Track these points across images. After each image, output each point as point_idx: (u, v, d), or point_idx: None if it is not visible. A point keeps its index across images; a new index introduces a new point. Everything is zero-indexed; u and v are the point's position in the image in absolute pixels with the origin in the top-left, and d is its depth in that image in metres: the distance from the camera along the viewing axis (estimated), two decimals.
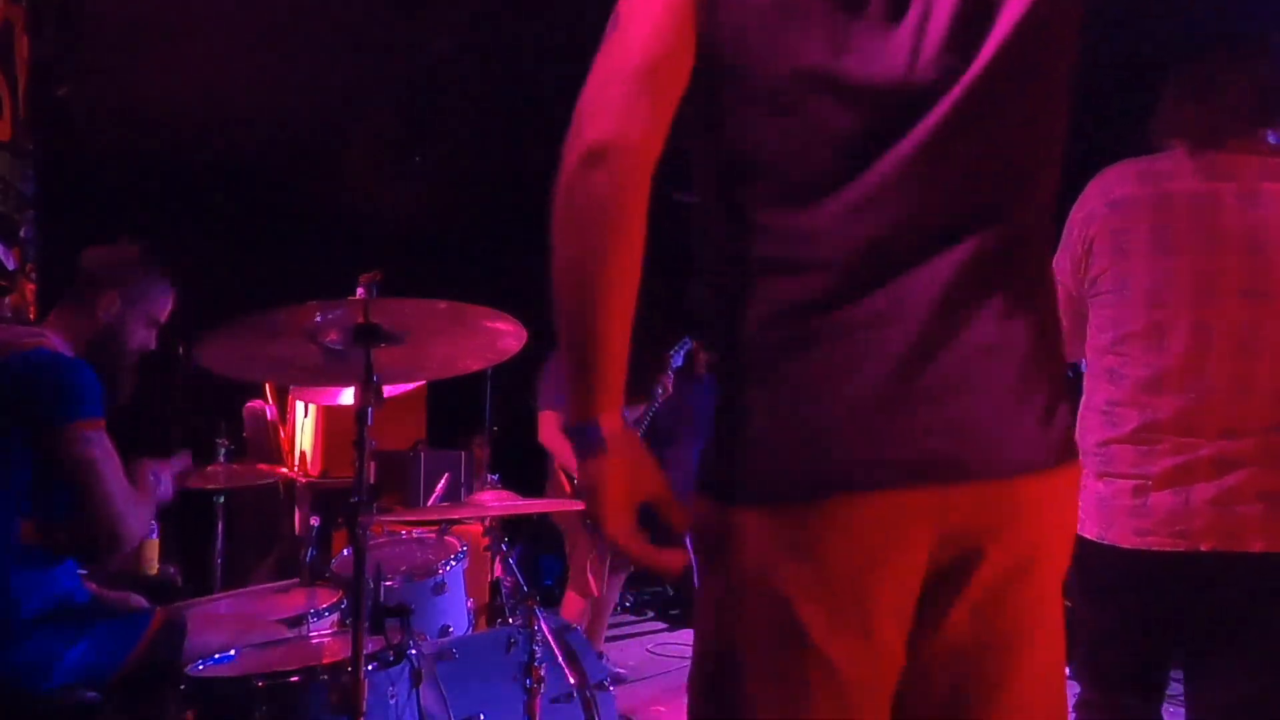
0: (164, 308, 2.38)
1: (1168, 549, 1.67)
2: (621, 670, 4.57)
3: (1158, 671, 1.83)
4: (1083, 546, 1.23)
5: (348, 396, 2.26)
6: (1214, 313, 1.67)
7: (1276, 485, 1.64)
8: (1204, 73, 1.81)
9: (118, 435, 2.27)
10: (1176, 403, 1.68)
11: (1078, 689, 1.81)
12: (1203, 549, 1.65)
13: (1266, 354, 1.66)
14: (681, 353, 4.62)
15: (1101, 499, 1.75)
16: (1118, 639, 1.76)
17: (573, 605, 4.31)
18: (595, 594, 4.30)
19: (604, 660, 4.47)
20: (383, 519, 2.67)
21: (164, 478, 2.37)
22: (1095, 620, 1.76)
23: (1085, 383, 1.85)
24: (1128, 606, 1.76)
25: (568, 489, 4.34)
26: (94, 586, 2.34)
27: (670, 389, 4.54)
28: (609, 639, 4.61)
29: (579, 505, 4.08)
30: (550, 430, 4.31)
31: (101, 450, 2.08)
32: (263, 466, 4.05)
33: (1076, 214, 1.82)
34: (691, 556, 1.12)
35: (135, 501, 2.16)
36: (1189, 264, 1.69)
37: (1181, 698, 1.83)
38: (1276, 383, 1.66)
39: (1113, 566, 1.72)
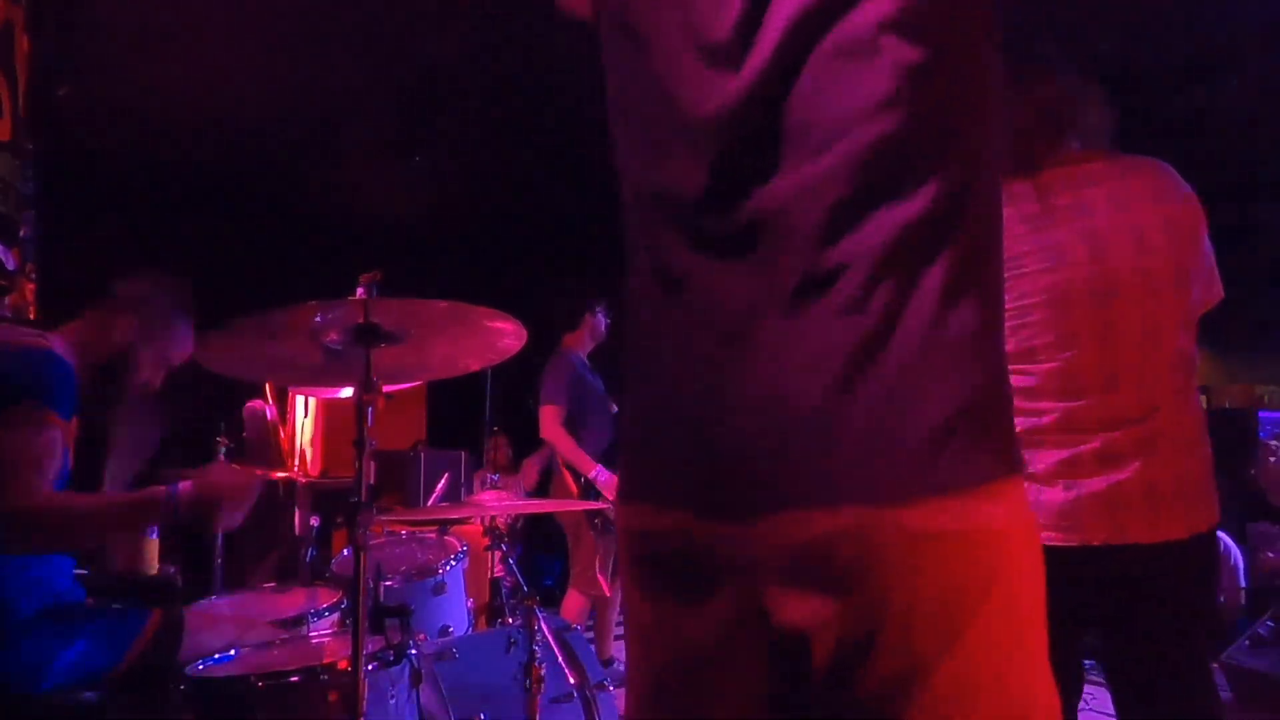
0: (181, 350, 2.36)
1: (1060, 543, 1.72)
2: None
3: (1067, 661, 1.87)
4: None
5: (347, 390, 2.26)
6: (1075, 319, 1.75)
7: (1156, 475, 1.71)
8: (1043, 99, 1.88)
9: (117, 436, 2.27)
10: (1056, 405, 1.76)
11: None
12: (1094, 543, 1.71)
13: (1125, 348, 1.74)
14: None
15: None
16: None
17: (573, 605, 4.31)
18: (606, 593, 4.30)
19: (616, 666, 4.47)
20: (382, 519, 2.67)
21: (230, 503, 2.09)
22: None
23: None
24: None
25: (573, 488, 4.34)
26: (90, 602, 2.32)
27: None
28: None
29: (583, 505, 4.09)
30: (552, 425, 4.32)
31: (38, 431, 1.94)
32: (260, 471, 4.06)
33: None
34: None
35: (45, 481, 1.94)
36: (1041, 281, 1.77)
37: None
38: (1140, 374, 1.74)
39: None
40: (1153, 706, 1.75)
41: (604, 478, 4.22)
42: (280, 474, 4.23)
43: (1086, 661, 1.98)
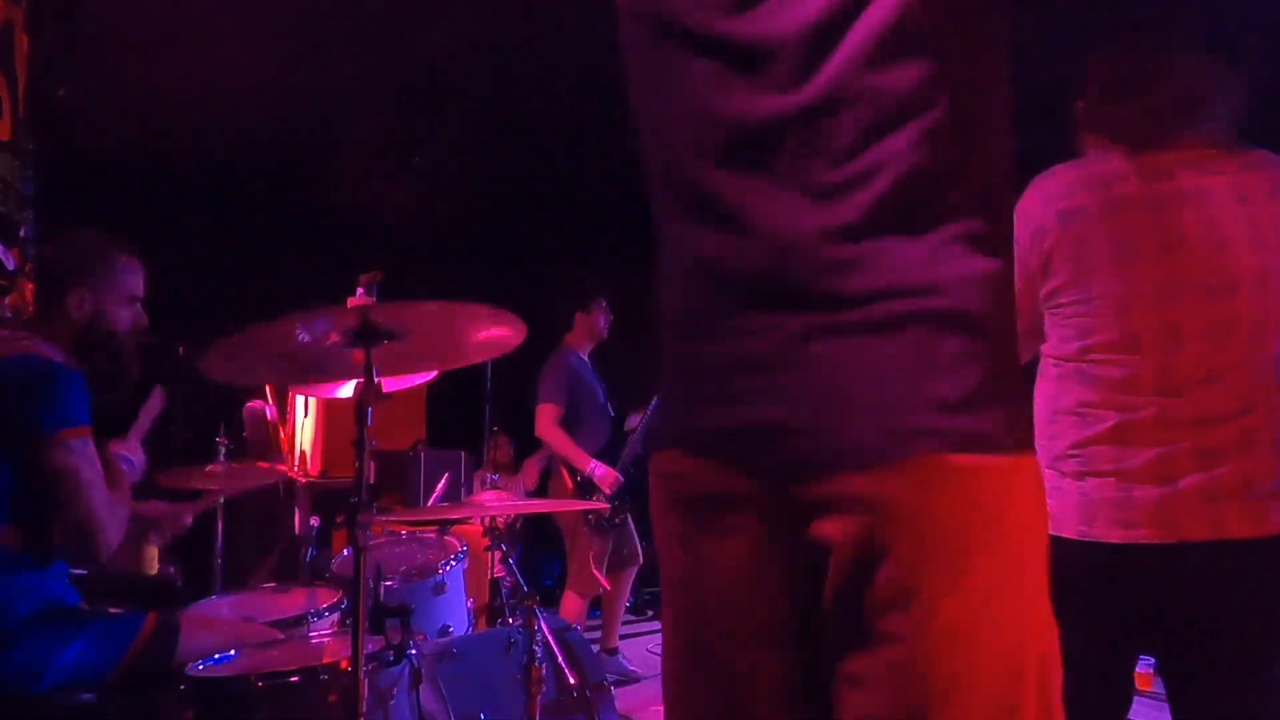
0: (136, 284, 2.34)
1: (1155, 541, 1.68)
2: (635, 669, 4.55)
3: (1128, 671, 1.84)
4: (1060, 546, 1.21)
5: (347, 390, 2.26)
6: (1182, 312, 1.70)
7: (1253, 471, 1.67)
8: (1127, 68, 1.82)
9: (117, 438, 2.27)
10: (1153, 400, 1.71)
11: None
12: (1190, 539, 1.67)
13: (1232, 346, 1.69)
14: None
15: (1082, 497, 1.76)
16: (1089, 637, 1.75)
17: (571, 606, 4.31)
18: (606, 587, 4.30)
19: (619, 658, 4.48)
20: (382, 519, 2.67)
21: (133, 457, 2.35)
22: (1065, 620, 1.75)
23: (1045, 387, 1.85)
24: (1107, 602, 1.76)
25: (569, 486, 4.34)
26: (86, 605, 2.33)
27: None
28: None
29: (580, 505, 4.08)
30: (547, 423, 4.32)
31: (84, 459, 2.07)
32: (263, 465, 4.06)
33: (1023, 228, 1.80)
34: None
35: (115, 507, 2.15)
36: (1151, 268, 1.71)
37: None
38: (1243, 372, 1.69)
39: (1094, 562, 1.73)
40: (1221, 704, 1.70)
41: (600, 472, 4.23)
42: (281, 469, 4.23)
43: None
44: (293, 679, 1.89)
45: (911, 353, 0.89)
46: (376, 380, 1.78)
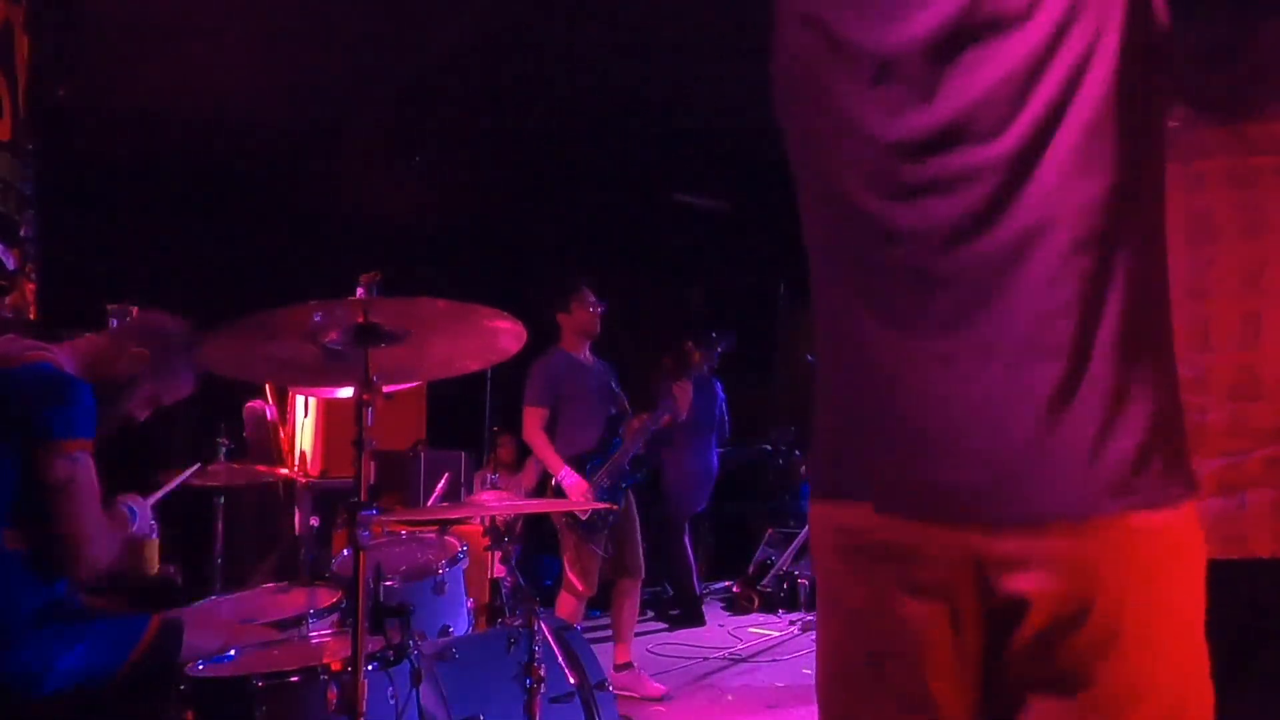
0: (177, 394, 2.37)
1: (1218, 556, 1.59)
2: (653, 685, 4.50)
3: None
4: None
5: (347, 390, 2.26)
6: (1266, 303, 1.53)
7: None
8: (1213, 37, 1.64)
9: (117, 438, 2.27)
10: (1225, 403, 1.55)
11: None
12: (1261, 555, 1.53)
13: None
14: (710, 364, 4.51)
15: None
16: None
17: (565, 605, 4.30)
18: (584, 590, 4.29)
19: (633, 673, 4.42)
20: (383, 519, 2.67)
21: (142, 511, 2.35)
22: None
23: None
24: None
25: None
26: (86, 600, 2.33)
27: (681, 412, 4.51)
28: (608, 639, 4.59)
29: (574, 505, 4.07)
30: (532, 426, 4.33)
31: (83, 473, 2.07)
32: (262, 467, 4.06)
33: None
34: None
35: (105, 529, 2.14)
36: (1231, 249, 1.55)
37: None
38: None
39: None
40: None
41: (569, 481, 4.24)
42: (281, 472, 4.23)
43: None
44: (293, 679, 1.89)
45: (1095, 418, 0.94)
46: (375, 379, 1.78)
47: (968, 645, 1.02)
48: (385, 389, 1.81)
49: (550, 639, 2.42)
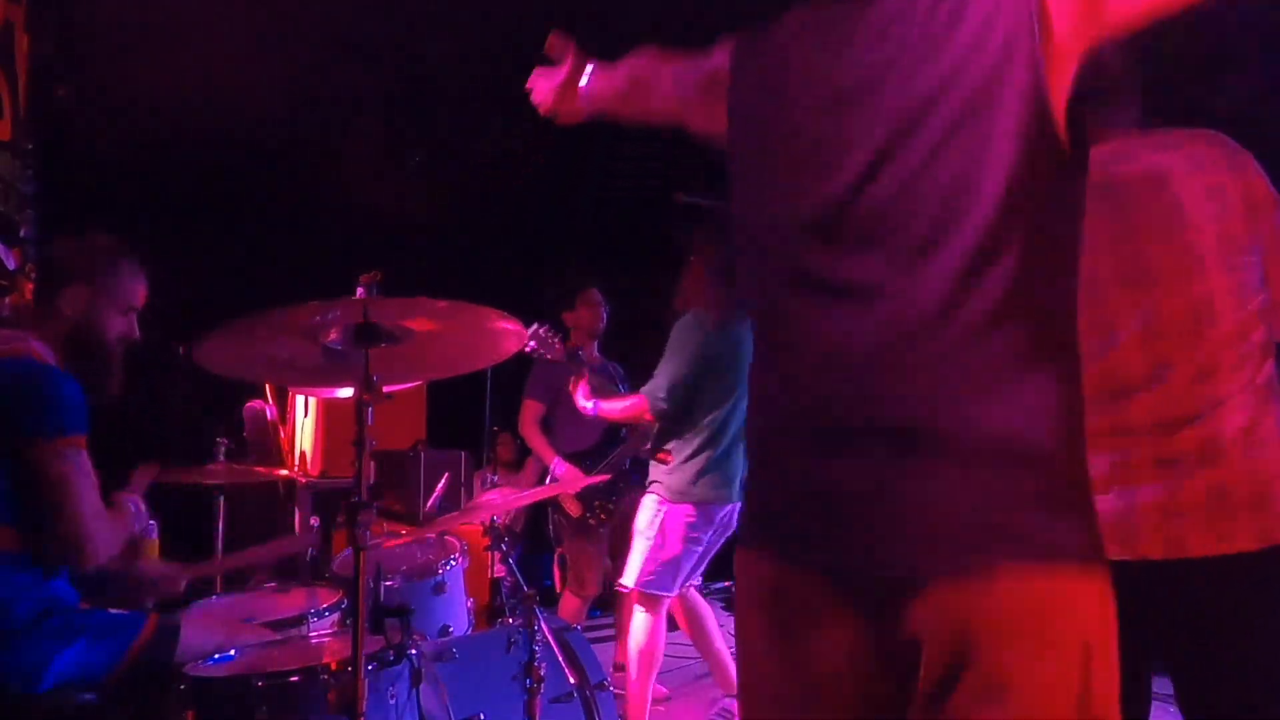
0: (135, 293, 2.33)
1: (1115, 558, 1.59)
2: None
3: (1134, 686, 1.64)
4: None
5: (347, 390, 2.26)
6: (1110, 310, 1.58)
7: (1224, 479, 1.51)
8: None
9: (117, 438, 2.26)
10: (1103, 406, 1.56)
11: None
12: (1151, 557, 1.51)
13: (1173, 338, 1.55)
14: None
15: None
16: None
17: (568, 605, 4.31)
18: (585, 591, 4.30)
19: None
20: (388, 519, 2.67)
21: (142, 509, 2.35)
22: None
23: None
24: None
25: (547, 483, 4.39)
26: (86, 605, 2.33)
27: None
28: (608, 639, 4.59)
29: (557, 490, 4.05)
30: (528, 420, 4.36)
31: (78, 468, 2.06)
32: (261, 468, 4.06)
33: None
34: None
35: (107, 523, 2.14)
36: (1092, 261, 1.60)
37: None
38: (1190, 369, 1.54)
39: None
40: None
41: (561, 469, 4.29)
42: (281, 472, 4.23)
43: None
44: (293, 679, 1.89)
45: (989, 479, 0.99)
46: (375, 379, 1.78)
47: (878, 692, 1.07)
48: (385, 389, 1.81)
49: (550, 639, 2.42)
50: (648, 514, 3.41)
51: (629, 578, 3.41)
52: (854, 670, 1.08)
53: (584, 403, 3.61)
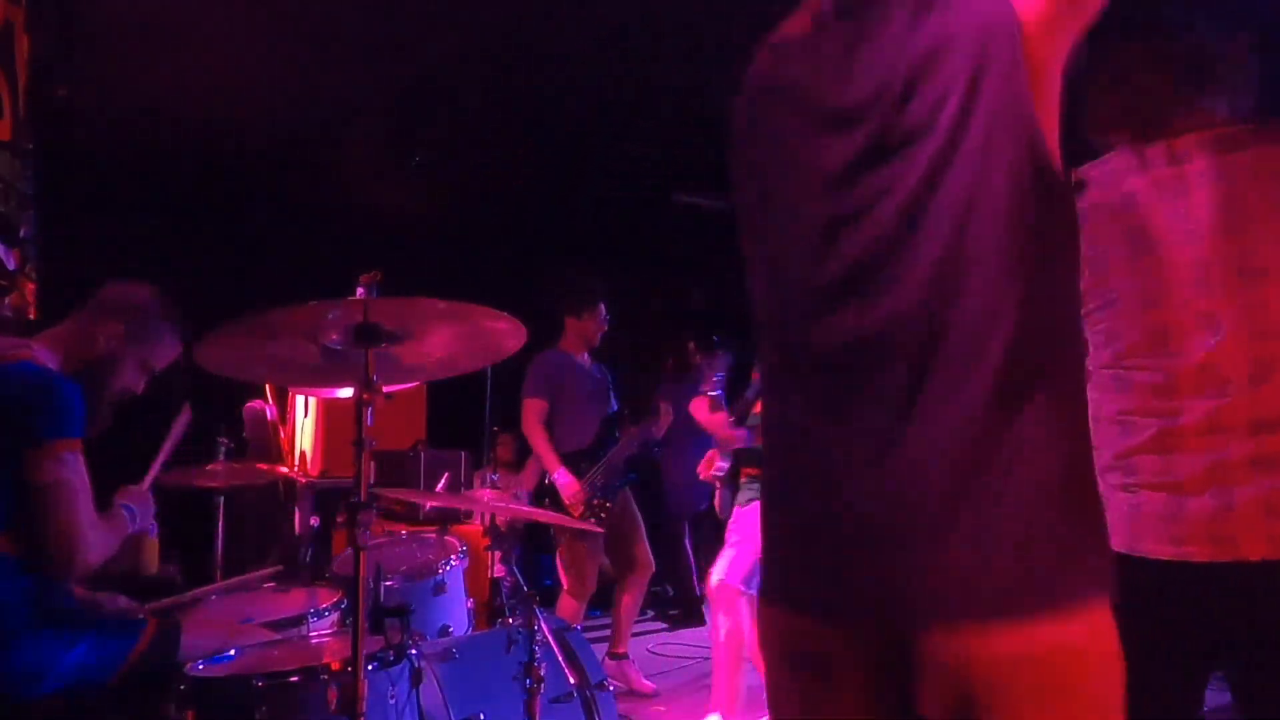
0: (164, 358, 2.35)
1: (1207, 559, 1.51)
2: (644, 683, 4.51)
3: (1193, 697, 1.65)
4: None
5: (347, 390, 2.26)
6: (1217, 301, 1.54)
7: None
8: (1117, 62, 1.72)
9: (117, 438, 2.26)
10: (1197, 403, 1.54)
11: None
12: (1250, 558, 1.49)
13: (1277, 335, 1.52)
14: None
15: (1129, 510, 1.61)
16: (1148, 661, 1.59)
17: (566, 606, 4.31)
18: (582, 590, 4.30)
19: (627, 664, 4.44)
20: (386, 493, 2.65)
21: (142, 505, 2.33)
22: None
23: (1090, 394, 1.65)
24: (1161, 623, 1.57)
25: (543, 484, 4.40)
26: (80, 591, 2.33)
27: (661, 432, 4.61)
28: (607, 639, 4.59)
29: (561, 519, 4.10)
30: (531, 419, 4.36)
31: (74, 473, 2.06)
32: (262, 466, 4.06)
33: None
34: None
35: (99, 530, 2.12)
36: (1174, 256, 1.57)
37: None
38: None
39: (1143, 580, 1.53)
40: None
41: (562, 480, 4.28)
42: (281, 471, 4.23)
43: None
44: (292, 679, 1.89)
45: (992, 530, 0.99)
46: (375, 379, 1.78)
47: None
48: (385, 389, 1.81)
49: (550, 639, 2.42)
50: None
51: (743, 580, 3.55)
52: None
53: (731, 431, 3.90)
